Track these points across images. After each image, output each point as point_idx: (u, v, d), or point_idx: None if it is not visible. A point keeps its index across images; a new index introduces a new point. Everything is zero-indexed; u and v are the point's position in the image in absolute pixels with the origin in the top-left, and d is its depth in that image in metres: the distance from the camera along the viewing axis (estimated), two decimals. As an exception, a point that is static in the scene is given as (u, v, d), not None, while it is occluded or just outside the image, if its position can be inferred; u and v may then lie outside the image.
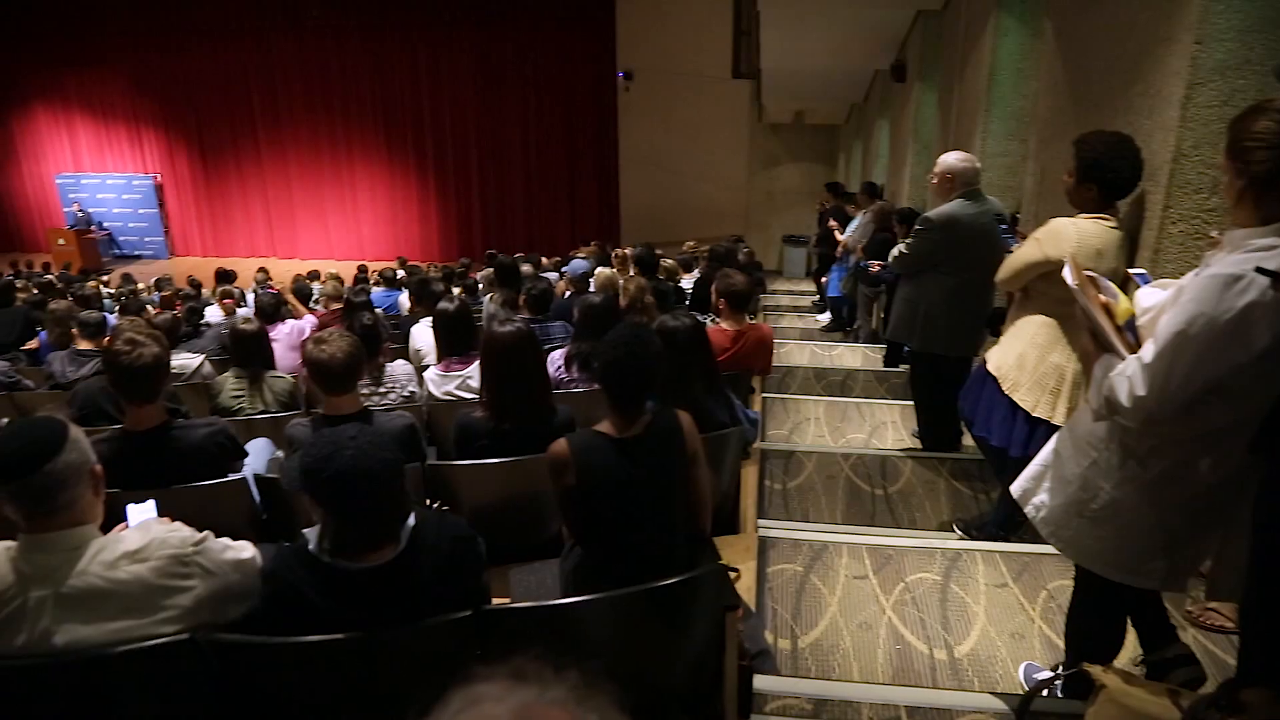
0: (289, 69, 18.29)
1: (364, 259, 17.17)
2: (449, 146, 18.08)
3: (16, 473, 1.79)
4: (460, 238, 18.29)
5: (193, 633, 1.91)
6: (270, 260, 17.81)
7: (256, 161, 19.02)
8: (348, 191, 18.67)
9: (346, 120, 18.34)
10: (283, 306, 6.44)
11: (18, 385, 5.52)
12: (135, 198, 19.58)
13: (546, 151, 17.82)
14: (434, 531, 2.01)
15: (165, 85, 19.02)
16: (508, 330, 3.06)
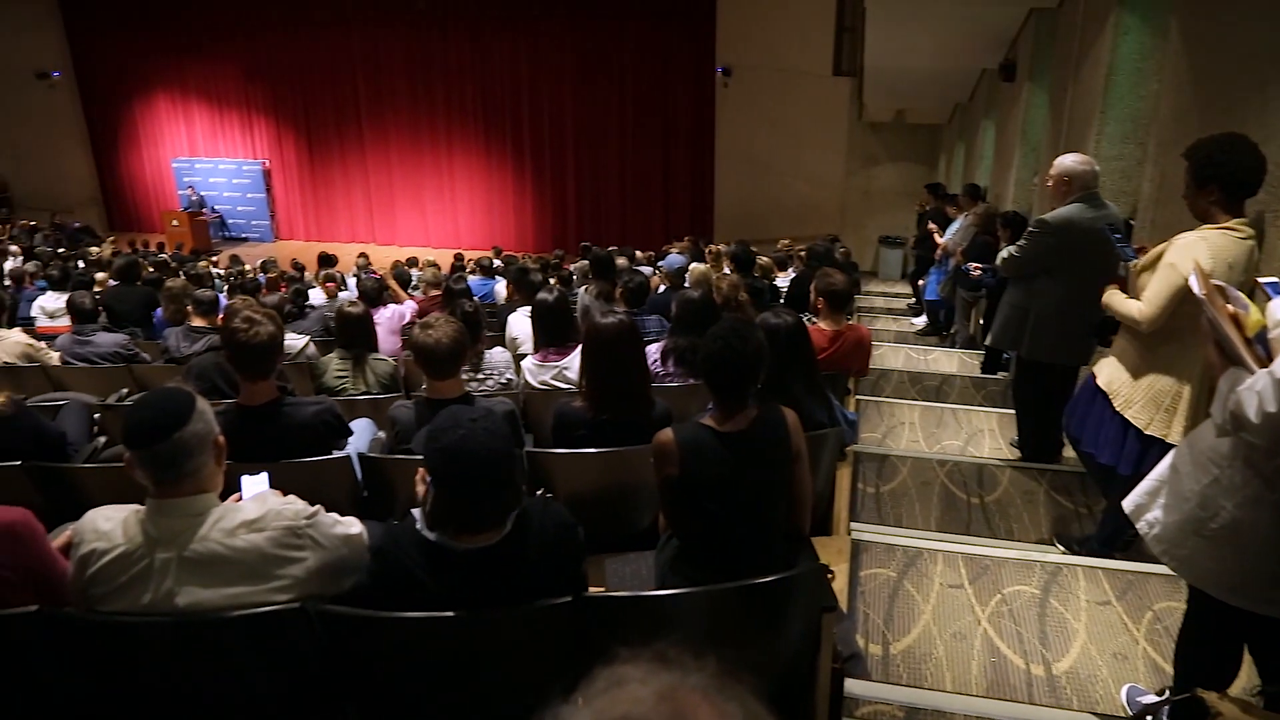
0: (393, 59, 18.69)
1: (460, 247, 17.45)
2: (546, 139, 18.26)
3: (148, 440, 1.88)
4: (554, 229, 18.47)
5: (303, 602, 1.97)
6: (369, 246, 18.24)
7: (359, 149, 19.50)
8: (446, 181, 19.01)
9: (447, 111, 18.66)
10: (384, 291, 6.59)
11: (136, 358, 5.78)
12: (244, 182, 20.28)
13: (642, 146, 17.84)
14: (539, 518, 2.03)
15: (276, 74, 19.64)
16: (610, 322, 3.08)
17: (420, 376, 4.69)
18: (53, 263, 11.95)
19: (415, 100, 18.76)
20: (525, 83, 18.09)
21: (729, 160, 17.14)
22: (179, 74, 20.34)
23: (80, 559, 1.97)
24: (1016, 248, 4.47)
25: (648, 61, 17.38)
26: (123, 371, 5.49)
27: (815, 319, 4.37)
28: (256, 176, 20.13)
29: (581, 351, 3.20)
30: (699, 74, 17.00)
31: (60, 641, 2.05)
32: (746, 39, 16.12)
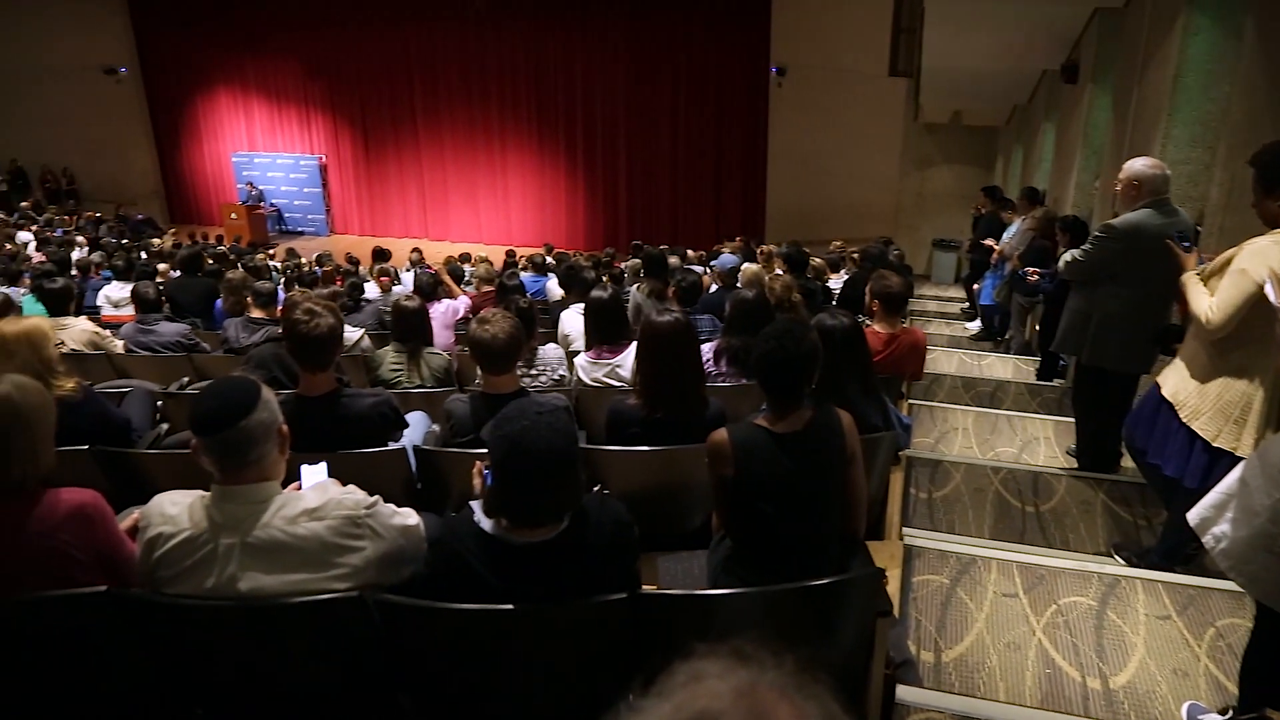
0: (449, 57, 18.86)
1: (511, 244, 17.56)
2: (598, 137, 18.30)
3: (215, 427, 1.92)
4: (605, 227, 18.52)
5: (361, 591, 2.00)
6: (422, 241, 18.47)
7: (414, 146, 19.72)
8: (499, 178, 19.15)
9: (501, 109, 18.79)
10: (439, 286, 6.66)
11: (196, 348, 5.90)
12: (301, 177, 20.62)
13: (694, 145, 17.80)
14: (596, 514, 2.04)
15: (334, 71, 19.93)
16: (666, 320, 3.08)
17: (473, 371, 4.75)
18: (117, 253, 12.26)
19: (470, 97, 18.92)
20: (579, 81, 18.15)
21: (782, 160, 17.04)
22: (240, 70, 20.73)
23: (147, 542, 2.01)
24: (1081, 252, 4.38)
25: (701, 61, 17.34)
26: (183, 360, 5.60)
27: (870, 321, 4.33)
28: (313, 171, 20.45)
29: (636, 349, 3.20)
30: (753, 74, 16.92)
31: (127, 621, 2.10)
32: (801, 39, 16.01)
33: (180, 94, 21.35)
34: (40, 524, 2.11)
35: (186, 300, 7.26)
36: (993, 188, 10.80)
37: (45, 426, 2.16)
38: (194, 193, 22.18)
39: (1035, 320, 7.94)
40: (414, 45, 19.02)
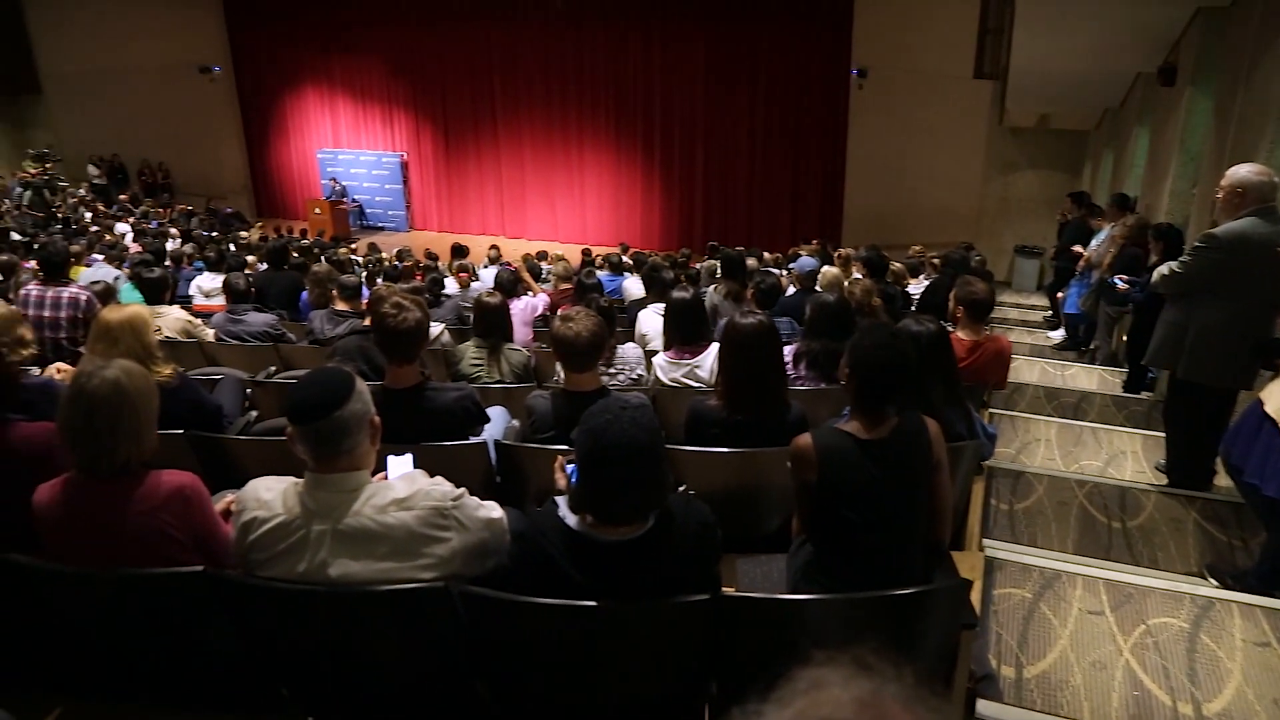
0: (530, 56, 19.03)
1: (587, 243, 17.63)
2: (676, 138, 18.28)
3: (310, 416, 1.97)
4: (681, 227, 18.49)
5: (445, 581, 2.03)
6: (498, 239, 18.66)
7: (494, 144, 19.94)
8: (576, 177, 19.26)
9: (580, 108, 18.89)
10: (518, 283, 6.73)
11: (283, 338, 6.06)
12: (383, 173, 21.01)
13: (772, 147, 17.66)
14: (681, 514, 2.04)
15: (417, 70, 20.26)
16: (750, 323, 3.06)
17: (550, 368, 4.79)
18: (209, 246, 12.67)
19: (549, 97, 19.07)
20: (657, 81, 18.16)
21: (860, 163, 16.83)
22: (327, 69, 21.22)
23: (243, 525, 2.07)
24: (1179, 263, 4.23)
25: (781, 62, 17.20)
26: (270, 350, 5.76)
27: (953, 328, 4.25)
28: (395, 168, 20.82)
29: (719, 351, 3.19)
30: (833, 75, 16.73)
31: (220, 601, 2.16)
32: (884, 40, 15.78)
33: (269, 92, 21.94)
34: (143, 504, 2.19)
35: (272, 291, 7.45)
36: (1080, 193, 10.50)
37: (149, 410, 2.24)
38: (280, 188, 22.77)
39: (1123, 330, 7.70)
40: (495, 44, 19.24)
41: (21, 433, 2.63)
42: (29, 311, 5.30)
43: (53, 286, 5.58)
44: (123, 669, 2.51)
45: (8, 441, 2.61)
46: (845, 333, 4.14)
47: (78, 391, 2.16)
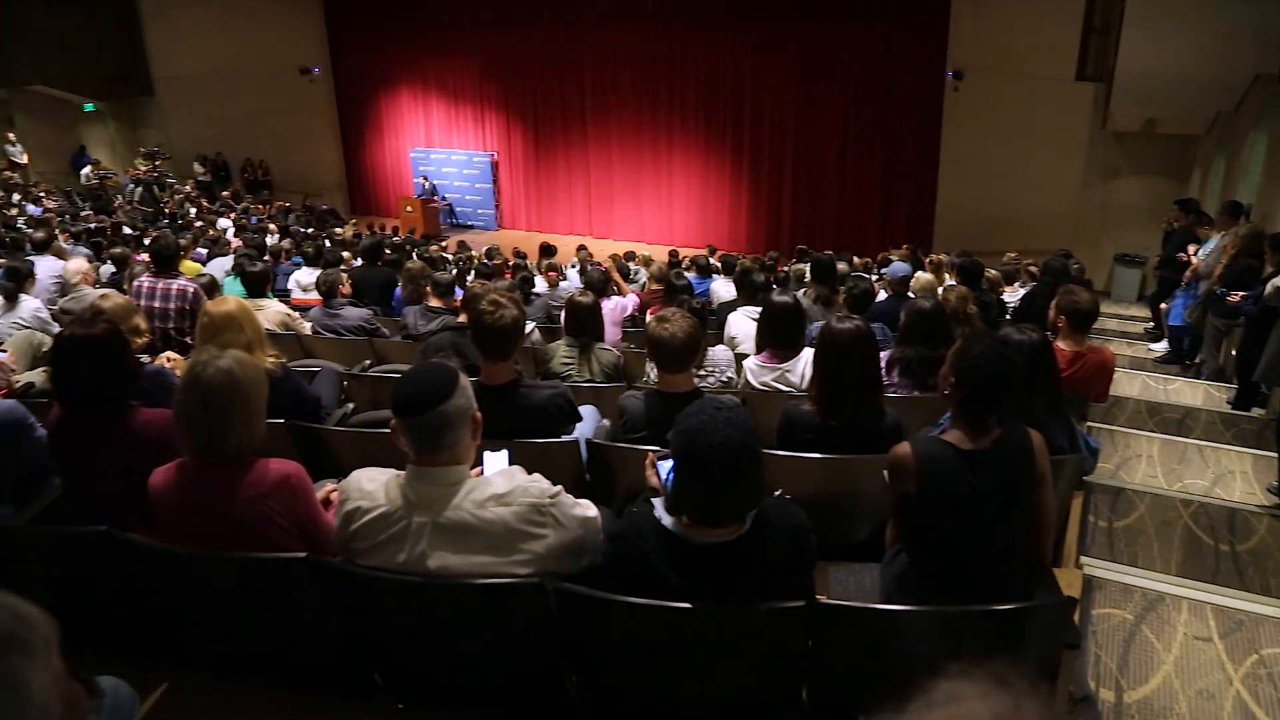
0: (620, 57, 19.10)
1: (674, 244, 17.63)
2: (765, 139, 18.14)
3: (415, 410, 2.01)
4: (768, 230, 18.33)
5: (541, 577, 2.04)
6: (585, 239, 18.79)
7: (582, 144, 20.08)
8: (664, 178, 19.26)
9: (669, 109, 18.89)
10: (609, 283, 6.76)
11: (377, 333, 6.20)
12: (473, 173, 21.34)
13: (863, 149, 17.38)
14: (777, 518, 2.02)
15: (509, 71, 20.51)
16: (846, 328, 3.02)
17: (639, 368, 4.80)
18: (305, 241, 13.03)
19: (639, 98, 19.11)
20: (748, 82, 18.04)
21: (954, 167, 16.46)
22: (421, 70, 21.64)
23: (346, 514, 2.12)
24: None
25: (874, 63, 16.92)
26: (365, 344, 5.90)
27: (1053, 338, 4.12)
28: (485, 168, 21.13)
29: (815, 356, 3.15)
30: (927, 77, 16.39)
31: (322, 587, 2.22)
32: (981, 41, 15.40)
33: (365, 92, 22.49)
34: (250, 490, 2.26)
35: (368, 287, 7.62)
36: (1188, 200, 10.11)
37: (260, 400, 2.32)
38: (374, 185, 23.31)
39: (1232, 345, 7.37)
40: (587, 45, 19.36)
41: (141, 418, 2.74)
42: (140, 302, 5.52)
43: (163, 278, 5.81)
44: (227, 647, 2.60)
45: (128, 426, 2.72)
46: (941, 340, 4.06)
47: (193, 380, 2.24)
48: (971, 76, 15.74)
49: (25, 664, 0.81)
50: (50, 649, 0.86)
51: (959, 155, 16.33)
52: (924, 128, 16.72)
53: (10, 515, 3.01)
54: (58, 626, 0.90)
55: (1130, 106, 13.40)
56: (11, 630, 0.82)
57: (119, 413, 2.76)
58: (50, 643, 0.86)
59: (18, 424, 2.97)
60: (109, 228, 14.35)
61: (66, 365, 2.73)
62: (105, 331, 2.77)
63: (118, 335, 2.83)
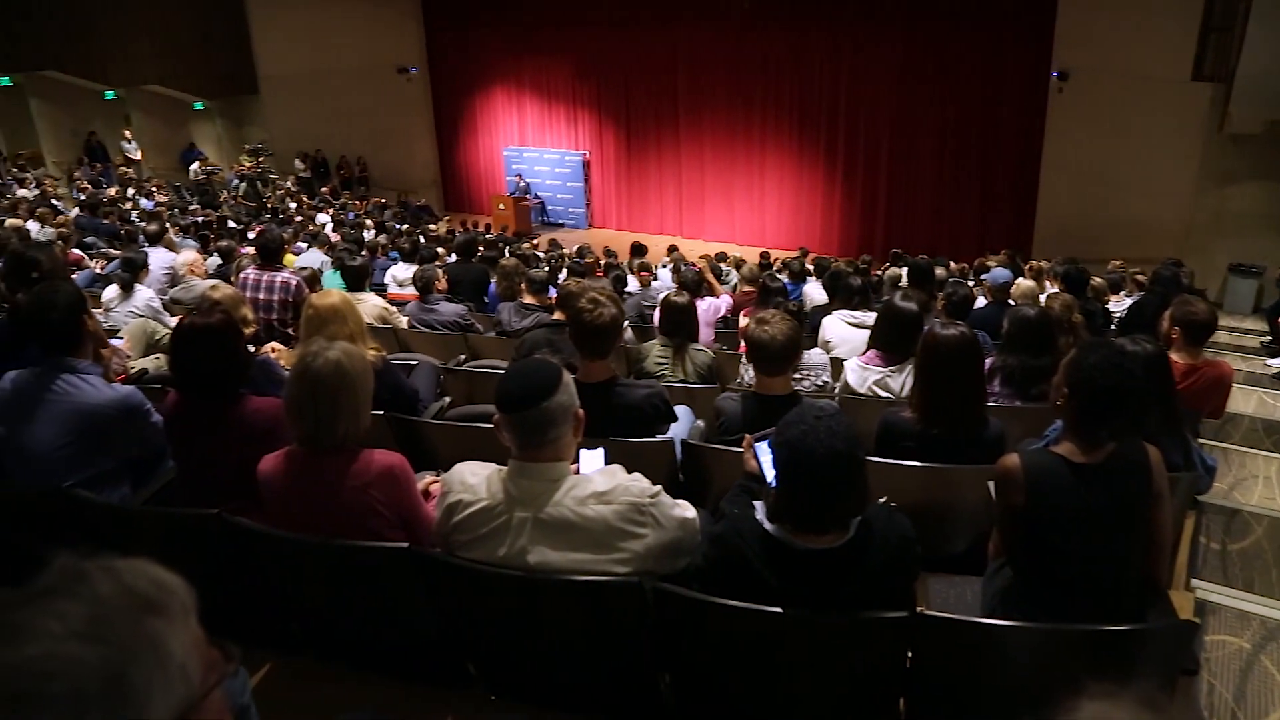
0: (714, 57, 19.02)
1: (765, 245, 17.46)
2: (860, 142, 17.84)
3: (519, 406, 2.02)
4: (861, 233, 18.03)
5: (639, 577, 2.04)
6: (676, 239, 18.76)
7: (675, 145, 20.05)
8: (756, 179, 19.12)
9: (763, 110, 18.73)
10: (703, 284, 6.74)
11: (472, 328, 6.29)
12: (565, 172, 21.52)
13: (961, 153, 16.95)
14: (883, 526, 1.98)
15: (603, 71, 20.62)
16: (952, 334, 2.94)
17: (732, 370, 4.77)
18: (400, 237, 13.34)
19: (732, 98, 19.00)
20: (844, 82, 17.78)
21: (1056, 171, 15.93)
22: (516, 70, 21.91)
23: (448, 507, 2.15)
24: None
25: (974, 63, 16.48)
26: (459, 339, 5.99)
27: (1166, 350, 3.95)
28: (577, 167, 21.30)
29: (917, 361, 3.07)
30: (1030, 77, 15.90)
31: (422, 578, 2.25)
32: (1089, 40, 14.85)
33: (461, 91, 22.87)
34: (355, 479, 2.31)
35: (463, 283, 7.74)
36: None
37: (366, 391, 2.37)
38: (467, 183, 23.70)
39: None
40: (681, 45, 19.34)
41: (251, 405, 2.83)
42: (246, 294, 5.70)
43: (267, 271, 5.99)
44: (327, 632, 2.67)
45: (239, 414, 2.81)
46: (1045, 349, 3.93)
47: (304, 370, 2.29)
48: (1077, 77, 15.22)
49: (165, 627, 0.85)
50: (189, 614, 0.89)
51: (1062, 158, 15.80)
52: (1026, 130, 16.23)
53: (128, 496, 3.13)
54: (195, 593, 0.91)
55: (1251, 108, 12.76)
56: (152, 595, 0.86)
57: (231, 400, 2.85)
58: (189, 608, 0.90)
59: (136, 409, 3.09)
60: (215, 221, 14.90)
61: (184, 352, 2.84)
62: (221, 321, 2.87)
63: (233, 325, 2.93)
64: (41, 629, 0.78)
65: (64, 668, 0.76)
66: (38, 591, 0.82)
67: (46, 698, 0.75)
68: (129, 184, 18.00)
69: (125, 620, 0.83)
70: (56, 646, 0.77)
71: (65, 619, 0.79)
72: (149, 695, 0.81)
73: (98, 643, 0.79)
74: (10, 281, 4.19)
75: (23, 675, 0.75)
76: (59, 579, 0.84)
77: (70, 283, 3.67)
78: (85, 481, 2.87)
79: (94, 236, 11.76)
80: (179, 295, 6.70)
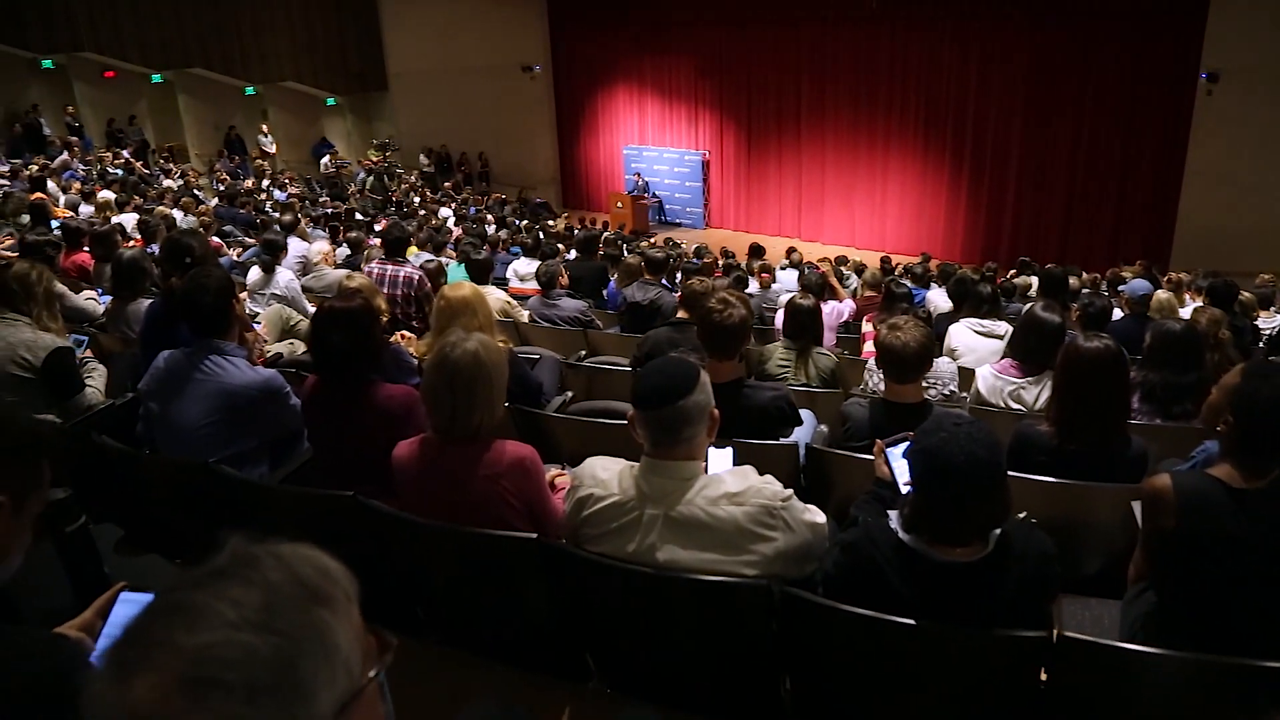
0: (839, 58, 18.69)
1: (885, 250, 17.10)
2: (988, 146, 17.22)
3: (657, 403, 2.03)
4: (986, 239, 17.40)
5: (768, 580, 2.02)
6: (794, 241, 18.54)
7: (795, 146, 19.79)
8: (878, 182, 18.71)
9: (888, 112, 18.29)
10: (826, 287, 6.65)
11: (592, 324, 6.36)
12: (684, 171, 21.50)
13: (1097, 157, 16.14)
14: (1022, 542, 1.92)
15: (724, 70, 20.50)
16: (1095, 346, 2.82)
17: (854, 375, 4.69)
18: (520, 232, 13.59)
19: (856, 99, 18.64)
20: (973, 85, 17.21)
21: (1201, 178, 15.04)
22: (638, 68, 22.02)
23: (578, 500, 2.17)
24: None
25: (1115, 65, 15.66)
26: (579, 335, 6.06)
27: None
28: (696, 166, 21.26)
29: (1057, 374, 2.96)
30: (1175, 79, 15.05)
31: (549, 569, 2.28)
32: (1244, 40, 13.95)
33: (583, 90, 23.09)
34: (487, 468, 2.36)
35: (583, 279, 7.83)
36: None
37: (501, 383, 2.42)
38: (585, 180, 23.94)
39: None
40: (805, 45, 19.09)
41: (385, 392, 2.93)
42: (371, 286, 5.90)
43: (391, 265, 6.18)
44: (451, 618, 2.74)
45: (373, 399, 2.91)
46: (1191, 366, 3.73)
47: (442, 360, 2.36)
48: (1229, 78, 14.37)
49: (331, 618, 0.85)
50: (352, 603, 0.89)
51: (1208, 165, 14.93)
52: (1168, 134, 15.40)
53: (265, 474, 3.27)
54: (357, 581, 0.92)
55: None
56: (320, 585, 0.86)
57: (366, 385, 2.95)
58: (351, 597, 0.90)
59: (277, 391, 3.22)
60: (343, 213, 15.48)
61: (324, 334, 2.95)
62: (361, 305, 2.98)
63: (371, 310, 3.04)
64: (217, 615, 0.78)
65: (240, 658, 0.77)
66: (210, 574, 0.83)
67: (223, 686, 0.75)
68: (264, 176, 18.86)
69: (296, 610, 0.83)
70: (233, 635, 0.77)
71: (240, 606, 0.79)
72: (316, 687, 0.81)
73: (270, 633, 0.79)
74: (166, 266, 4.43)
75: (201, 662, 0.75)
76: (231, 563, 0.85)
77: (221, 269, 3.87)
78: (227, 458, 3.00)
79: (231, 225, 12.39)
80: (310, 284, 6.98)
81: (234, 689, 0.75)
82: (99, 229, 6.93)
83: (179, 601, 0.81)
